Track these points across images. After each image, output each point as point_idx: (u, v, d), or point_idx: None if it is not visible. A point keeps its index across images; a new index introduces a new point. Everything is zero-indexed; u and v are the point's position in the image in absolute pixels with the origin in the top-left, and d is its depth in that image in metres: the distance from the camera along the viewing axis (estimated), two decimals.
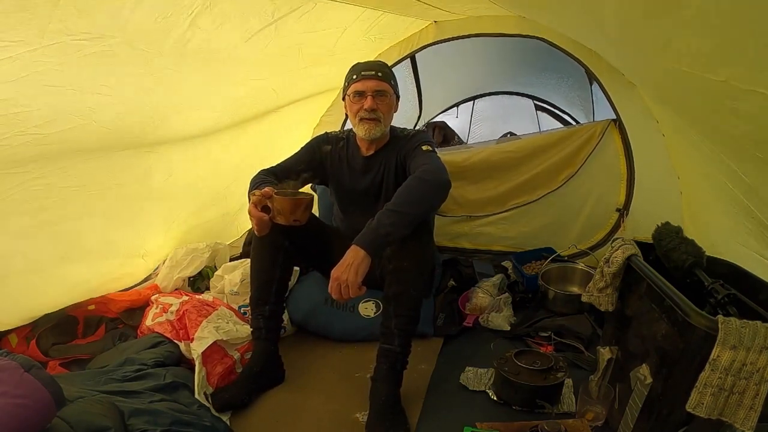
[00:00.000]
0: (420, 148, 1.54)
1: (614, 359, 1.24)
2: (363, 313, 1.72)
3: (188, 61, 1.35)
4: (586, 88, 3.36)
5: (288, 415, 1.36)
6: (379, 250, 1.26)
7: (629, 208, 2.12)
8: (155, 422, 1.13)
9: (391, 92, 1.60)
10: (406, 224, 1.27)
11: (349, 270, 1.21)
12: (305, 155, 1.70)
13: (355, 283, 1.20)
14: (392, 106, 1.62)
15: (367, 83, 1.55)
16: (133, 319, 1.72)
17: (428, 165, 1.42)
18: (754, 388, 0.86)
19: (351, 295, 1.22)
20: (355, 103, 1.57)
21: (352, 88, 1.58)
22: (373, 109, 1.54)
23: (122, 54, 1.13)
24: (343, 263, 1.22)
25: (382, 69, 1.59)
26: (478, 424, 1.18)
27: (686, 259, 1.14)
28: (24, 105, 1.07)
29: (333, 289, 1.22)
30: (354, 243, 1.24)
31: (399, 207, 1.28)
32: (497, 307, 1.79)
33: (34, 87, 1.04)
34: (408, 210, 1.28)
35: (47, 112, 1.13)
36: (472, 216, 2.38)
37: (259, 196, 1.34)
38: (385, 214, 1.26)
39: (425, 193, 1.34)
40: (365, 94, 1.55)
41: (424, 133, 1.70)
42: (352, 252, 1.23)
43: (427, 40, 2.28)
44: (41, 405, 0.95)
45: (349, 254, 1.23)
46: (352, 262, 1.21)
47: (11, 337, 1.55)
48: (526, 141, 2.29)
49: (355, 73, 1.59)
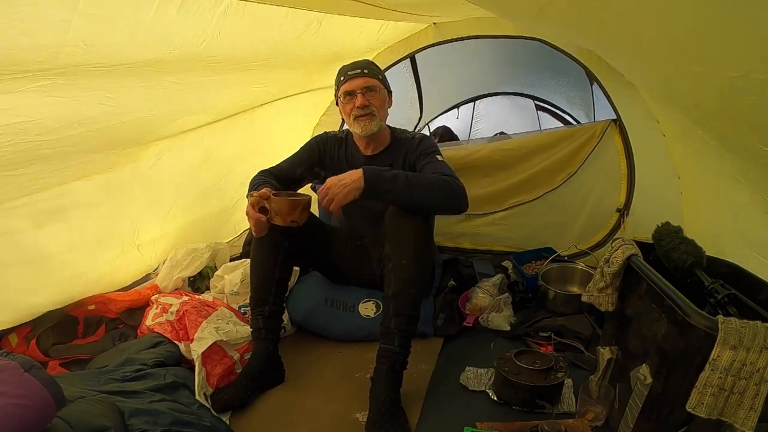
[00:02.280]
0: (436, 156, 1.57)
1: (614, 359, 1.24)
2: (363, 313, 1.72)
3: (190, 77, 1.36)
4: (587, 88, 3.35)
5: (288, 415, 1.36)
6: (373, 192, 1.32)
7: (630, 209, 2.12)
8: (155, 422, 1.13)
9: (380, 86, 1.60)
10: (410, 196, 1.34)
11: (341, 187, 1.29)
12: (304, 156, 1.70)
13: (340, 202, 1.29)
14: (385, 100, 1.62)
15: (354, 82, 1.56)
16: (133, 319, 1.72)
17: (453, 178, 1.44)
18: (754, 388, 0.86)
19: (331, 209, 1.30)
20: (347, 104, 1.58)
21: (341, 90, 1.59)
22: (366, 105, 1.55)
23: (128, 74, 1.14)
24: (342, 177, 1.31)
25: (368, 66, 1.60)
26: (478, 424, 1.18)
27: (686, 259, 1.14)
28: (27, 115, 1.07)
29: (320, 193, 1.31)
30: (362, 168, 1.31)
31: (418, 179, 1.37)
32: (497, 307, 1.79)
33: (37, 98, 1.04)
34: (419, 190, 1.35)
35: (50, 122, 1.13)
36: (471, 215, 2.38)
37: (256, 197, 1.34)
38: (402, 175, 1.34)
39: (444, 193, 1.39)
40: (355, 93, 1.55)
41: (431, 139, 1.71)
42: (354, 174, 1.30)
43: (426, 41, 2.28)
44: (41, 405, 0.95)
45: (351, 174, 1.31)
46: (348, 182, 1.29)
47: (11, 337, 1.55)
48: (525, 140, 2.29)
49: (342, 75, 1.60)
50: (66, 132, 1.19)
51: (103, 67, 1.03)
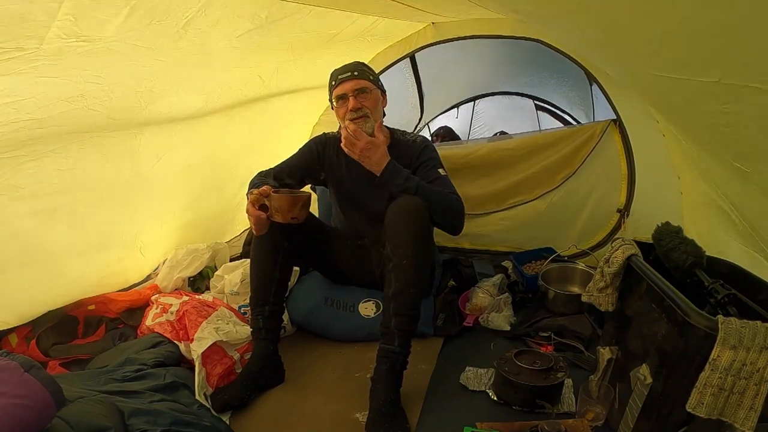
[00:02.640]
0: (438, 170, 1.60)
1: (614, 359, 1.24)
2: (363, 313, 1.72)
3: (178, 54, 1.36)
4: (586, 88, 3.36)
5: (288, 415, 1.36)
6: (384, 182, 1.46)
7: (630, 209, 2.12)
8: (155, 422, 1.13)
9: (372, 87, 1.59)
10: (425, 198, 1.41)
11: (366, 155, 1.44)
12: (303, 157, 1.70)
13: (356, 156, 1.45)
14: (378, 100, 1.62)
15: (345, 86, 1.56)
16: (133, 319, 1.72)
17: (457, 198, 1.52)
18: (754, 388, 0.86)
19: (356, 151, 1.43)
20: (341, 107, 1.58)
21: (334, 95, 1.59)
22: (358, 108, 1.54)
23: (116, 50, 1.15)
24: (373, 151, 1.44)
25: (358, 68, 1.59)
26: (478, 424, 1.18)
27: (686, 259, 1.14)
28: (17, 95, 1.09)
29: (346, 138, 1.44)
30: (387, 160, 1.45)
31: (426, 191, 1.44)
32: (497, 307, 1.78)
33: (28, 79, 1.06)
34: (426, 200, 1.41)
35: (40, 100, 1.15)
36: (470, 214, 2.38)
37: (256, 194, 1.35)
38: (416, 182, 1.44)
39: (447, 211, 1.47)
40: (347, 96, 1.55)
41: (433, 147, 1.71)
42: (381, 158, 1.45)
43: (425, 41, 2.27)
44: (41, 405, 0.95)
45: (379, 156, 1.45)
46: (374, 160, 1.45)
47: (11, 337, 1.55)
48: (525, 139, 2.29)
49: (333, 79, 1.60)
50: (55, 110, 1.21)
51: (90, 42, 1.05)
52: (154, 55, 1.28)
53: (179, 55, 1.37)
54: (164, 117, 1.65)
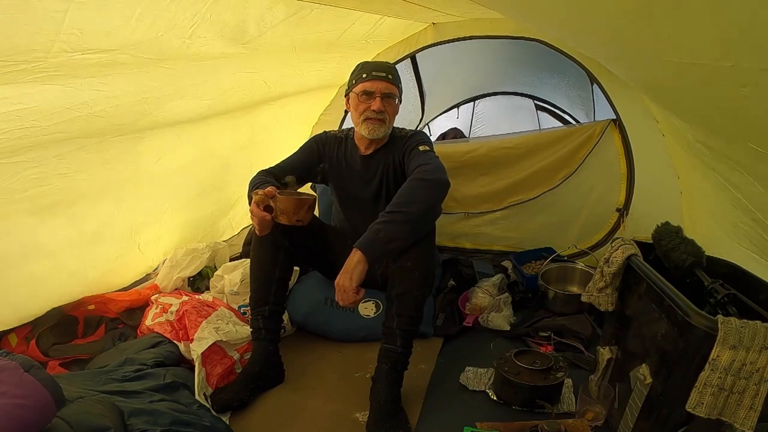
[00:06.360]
0: (417, 148, 1.54)
1: (614, 359, 1.24)
2: (363, 313, 1.72)
3: (182, 62, 1.36)
4: (587, 88, 3.35)
5: (288, 415, 1.36)
6: (378, 253, 1.27)
7: (629, 208, 2.12)
8: (155, 422, 1.13)
9: (397, 95, 1.60)
10: (406, 223, 1.27)
11: (344, 276, 1.23)
12: (304, 156, 1.70)
13: (351, 288, 1.22)
14: (397, 109, 1.62)
15: (377, 84, 1.54)
16: (133, 319, 1.72)
17: (427, 165, 1.42)
18: (754, 387, 0.86)
19: (349, 301, 1.23)
20: (363, 103, 1.56)
21: (360, 87, 1.56)
22: (381, 111, 1.54)
23: (121, 60, 1.15)
24: (343, 269, 1.24)
25: (392, 71, 1.59)
26: (478, 424, 1.18)
27: (686, 259, 1.14)
28: (22, 103, 1.08)
29: (337, 296, 1.25)
30: (354, 246, 1.25)
31: (398, 208, 1.28)
32: (497, 307, 1.79)
33: (33, 87, 1.06)
34: (408, 210, 1.28)
35: (44, 107, 1.14)
36: (469, 214, 2.38)
37: (262, 195, 1.34)
38: (384, 217, 1.27)
39: (424, 193, 1.34)
40: (374, 95, 1.54)
41: (421, 133, 1.70)
42: (350, 257, 1.25)
43: (425, 41, 2.28)
44: (41, 405, 0.95)
45: (348, 259, 1.25)
46: (348, 267, 1.24)
47: (11, 337, 1.55)
48: (524, 138, 2.29)
49: (364, 72, 1.57)
50: (59, 117, 1.21)
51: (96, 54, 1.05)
52: (160, 64, 1.28)
53: (185, 65, 1.37)
54: (168, 121, 1.65)
